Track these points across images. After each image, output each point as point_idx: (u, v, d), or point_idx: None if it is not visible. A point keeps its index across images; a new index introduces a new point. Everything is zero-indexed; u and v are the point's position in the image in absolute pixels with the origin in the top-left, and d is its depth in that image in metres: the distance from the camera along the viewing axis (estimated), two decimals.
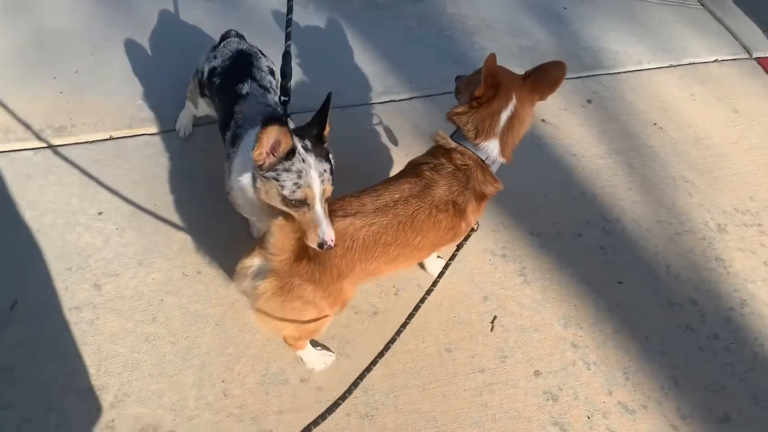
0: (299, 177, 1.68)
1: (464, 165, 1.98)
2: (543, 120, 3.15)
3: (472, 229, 2.09)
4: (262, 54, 2.39)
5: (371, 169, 2.79)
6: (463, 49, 3.40)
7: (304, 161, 1.70)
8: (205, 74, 2.28)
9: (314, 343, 2.24)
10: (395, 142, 2.87)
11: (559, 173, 2.96)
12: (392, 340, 1.94)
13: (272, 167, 1.70)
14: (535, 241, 2.71)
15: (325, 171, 1.73)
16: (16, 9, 3.02)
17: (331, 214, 1.80)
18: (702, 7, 4.09)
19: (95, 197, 2.49)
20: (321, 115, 1.78)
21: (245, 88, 2.16)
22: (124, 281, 2.30)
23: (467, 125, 1.99)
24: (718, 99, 3.48)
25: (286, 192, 1.70)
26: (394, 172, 2.71)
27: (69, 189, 2.49)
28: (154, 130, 2.74)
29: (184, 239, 2.45)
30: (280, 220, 1.67)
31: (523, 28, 3.61)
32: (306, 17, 3.34)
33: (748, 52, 3.79)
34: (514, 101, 1.96)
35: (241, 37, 2.46)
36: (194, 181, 2.61)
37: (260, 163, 1.72)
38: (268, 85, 2.23)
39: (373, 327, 2.36)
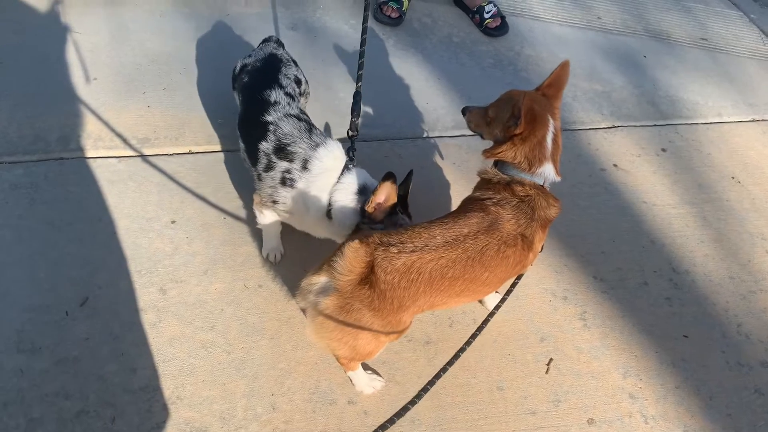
0: (396, 226, 1.98)
1: (527, 195, 1.98)
2: (615, 165, 3.10)
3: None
4: (294, 63, 2.54)
5: (435, 200, 2.81)
6: (526, 74, 3.41)
7: (404, 220, 2.03)
8: (237, 69, 2.52)
9: (365, 367, 2.25)
10: (461, 176, 2.89)
11: (629, 219, 2.90)
12: (443, 370, 1.93)
13: (381, 221, 2.03)
14: (599, 286, 2.64)
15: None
16: (119, 30, 3.24)
17: (400, 244, 1.84)
18: None
19: (170, 206, 2.61)
20: (405, 185, 2.12)
21: (273, 95, 2.29)
22: (189, 288, 2.38)
23: (517, 158, 2.02)
24: None
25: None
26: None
27: (146, 197, 2.62)
28: (231, 147, 2.85)
29: (249, 253, 2.52)
30: (355, 243, 1.70)
31: (601, 74, 3.58)
32: (386, 50, 3.44)
33: None
34: (551, 121, 2.03)
35: (279, 44, 2.62)
36: None
37: (372, 215, 2.03)
38: (293, 93, 2.36)
39: (425, 356, 2.34)
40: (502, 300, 2.09)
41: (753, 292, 2.74)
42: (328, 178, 2.14)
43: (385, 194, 1.98)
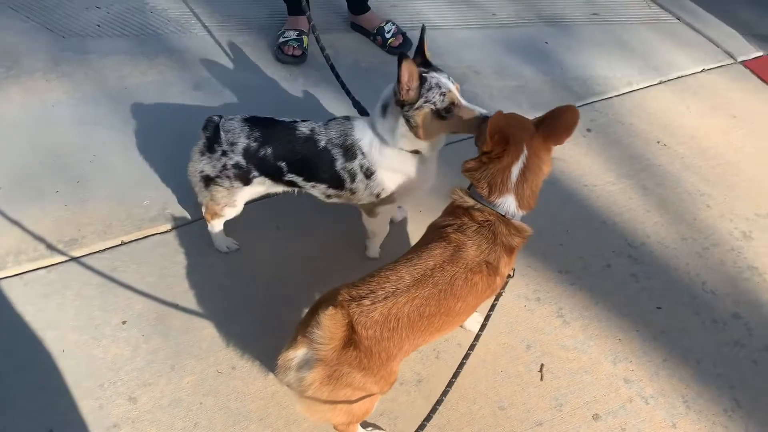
0: (439, 87, 2.00)
1: (486, 221, 1.92)
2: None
3: (509, 276, 2.04)
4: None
5: (398, 232, 2.76)
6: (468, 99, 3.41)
7: (433, 76, 2.02)
8: (244, 163, 2.31)
9: (364, 424, 2.16)
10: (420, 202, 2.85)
11: (576, 206, 2.93)
12: (438, 402, 1.86)
13: (418, 96, 2.01)
14: (566, 279, 2.66)
15: (447, 75, 2.06)
16: (10, 130, 3.01)
17: (371, 294, 1.77)
18: (678, 20, 4.16)
19: (116, 306, 2.43)
20: (420, 46, 2.12)
21: (302, 127, 2.29)
22: (159, 389, 2.22)
23: (480, 182, 1.94)
24: (714, 107, 3.49)
25: (439, 105, 2.00)
26: (416, 234, 2.70)
27: (89, 303, 2.43)
28: (165, 228, 2.70)
29: (212, 335, 2.38)
30: (329, 310, 1.61)
31: (510, 69, 3.63)
32: (298, 90, 3.35)
33: (733, 57, 3.83)
34: (525, 153, 1.89)
35: (219, 118, 2.40)
36: (214, 273, 2.56)
37: (406, 99, 2.03)
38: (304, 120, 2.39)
39: (421, 396, 2.28)
40: (482, 327, 2.03)
41: (706, 248, 2.83)
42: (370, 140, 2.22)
43: (408, 72, 1.97)
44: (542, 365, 2.39)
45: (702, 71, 3.75)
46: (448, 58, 3.66)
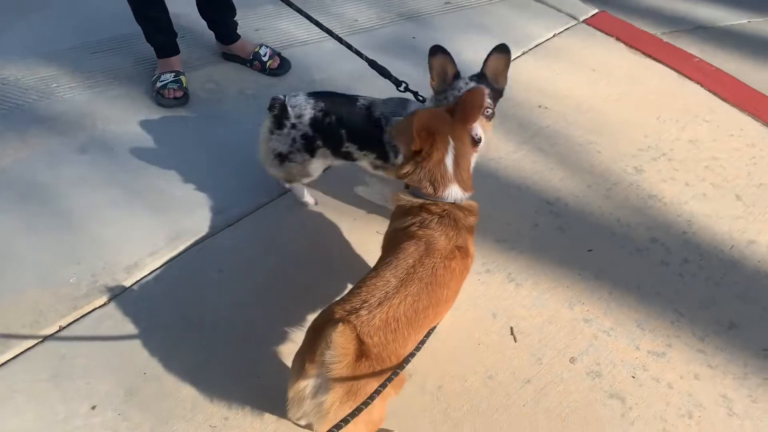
0: (459, 92, 2.26)
1: (443, 211, 2.04)
2: None
3: None
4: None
5: (331, 243, 2.79)
6: None
7: (465, 84, 2.31)
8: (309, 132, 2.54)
9: None
10: (340, 213, 2.90)
11: (490, 180, 3.13)
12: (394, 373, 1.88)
13: (444, 88, 2.37)
14: (506, 246, 2.84)
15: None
16: None
17: (365, 303, 1.81)
18: None
19: (79, 393, 2.26)
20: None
21: (360, 101, 2.56)
22: None
23: (422, 182, 2.05)
24: (574, 66, 3.86)
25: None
26: (357, 242, 2.75)
27: (46, 398, 2.24)
28: (102, 300, 2.54)
29: (192, 393, 2.29)
30: (339, 327, 1.62)
31: (390, 68, 3.76)
32: (189, 131, 3.26)
33: (575, 18, 4.25)
34: (451, 143, 2.03)
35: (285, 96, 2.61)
36: (171, 331, 2.45)
37: (433, 87, 2.43)
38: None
39: (417, 388, 2.34)
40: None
41: (609, 189, 3.14)
42: None
43: (435, 64, 2.39)
44: (512, 328, 2.55)
45: (554, 36, 4.13)
46: (328, 69, 3.74)
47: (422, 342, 1.95)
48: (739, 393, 2.41)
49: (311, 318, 1.93)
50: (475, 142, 2.17)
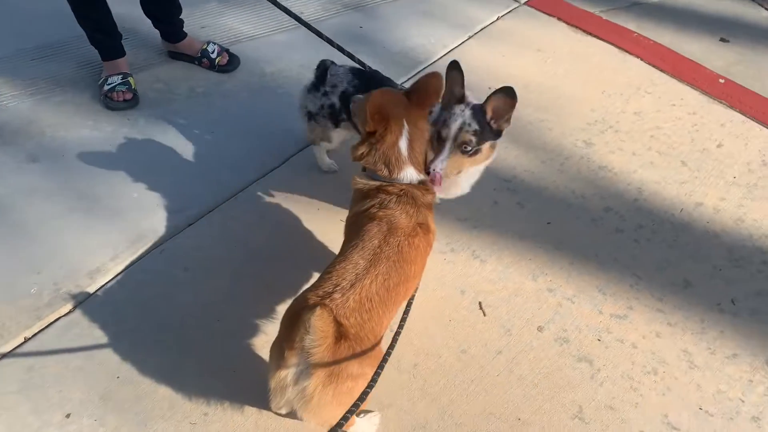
0: (452, 116, 2.17)
1: (401, 191, 2.08)
2: None
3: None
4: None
5: (300, 233, 2.80)
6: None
7: (460, 112, 2.17)
8: (338, 104, 2.56)
9: (357, 415, 2.21)
10: (303, 202, 2.91)
11: None
12: (387, 355, 1.91)
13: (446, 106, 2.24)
14: (468, 225, 2.90)
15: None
16: None
17: (337, 287, 1.83)
18: None
19: (51, 403, 2.21)
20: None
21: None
22: None
23: (377, 165, 2.10)
24: (520, 47, 3.95)
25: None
26: (321, 232, 2.77)
27: (17, 412, 2.18)
28: (67, 308, 2.48)
29: (169, 393, 2.27)
30: (317, 311, 1.63)
31: (339, 59, 3.77)
32: (140, 134, 3.21)
33: (517, 0, 4.35)
34: (406, 126, 2.07)
35: (332, 63, 2.67)
36: (141, 333, 2.42)
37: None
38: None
39: (391, 369, 2.38)
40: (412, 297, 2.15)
41: (562, 163, 3.24)
42: None
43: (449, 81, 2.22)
44: (480, 303, 2.61)
45: (498, 19, 4.21)
46: (278, 63, 3.73)
47: (404, 320, 1.99)
48: (699, 347, 2.54)
49: (281, 309, 1.95)
50: (430, 177, 2.15)
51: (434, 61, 3.80)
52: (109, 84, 3.35)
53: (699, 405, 2.36)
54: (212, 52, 3.63)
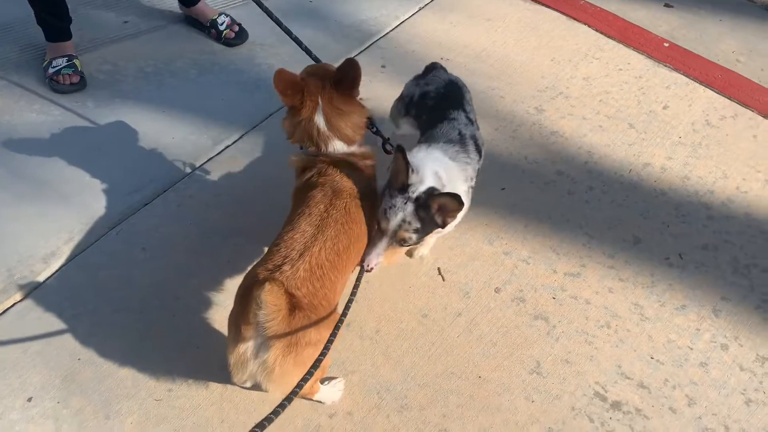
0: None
1: (336, 159, 2.12)
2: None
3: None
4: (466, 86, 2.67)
5: (261, 208, 2.80)
6: (255, 73, 3.47)
7: (411, 194, 2.01)
8: (416, 96, 2.58)
9: (321, 381, 2.25)
10: (256, 179, 2.91)
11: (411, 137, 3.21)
12: (340, 320, 1.90)
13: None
14: None
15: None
16: None
17: (286, 259, 1.85)
18: None
19: (11, 388, 2.20)
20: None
21: (453, 114, 2.43)
22: None
23: (304, 142, 2.14)
24: (470, 17, 3.97)
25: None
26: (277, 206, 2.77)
27: None
28: (20, 295, 2.45)
29: (131, 372, 2.27)
30: (267, 286, 1.62)
31: (266, 37, 3.75)
32: (92, 116, 3.15)
33: None
34: (320, 103, 2.07)
35: (444, 69, 2.73)
36: (100, 315, 2.41)
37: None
38: (474, 118, 2.55)
39: (356, 336, 2.42)
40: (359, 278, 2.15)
41: (515, 130, 3.29)
42: None
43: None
44: (439, 269, 2.66)
45: None
46: None
47: (356, 285, 2.02)
48: (649, 300, 2.64)
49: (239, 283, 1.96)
50: (367, 270, 2.11)
51: (386, 33, 3.81)
52: (54, 67, 3.27)
53: (650, 354, 2.47)
54: (221, 24, 3.59)
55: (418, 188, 2.00)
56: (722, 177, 3.13)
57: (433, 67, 2.71)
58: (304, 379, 1.58)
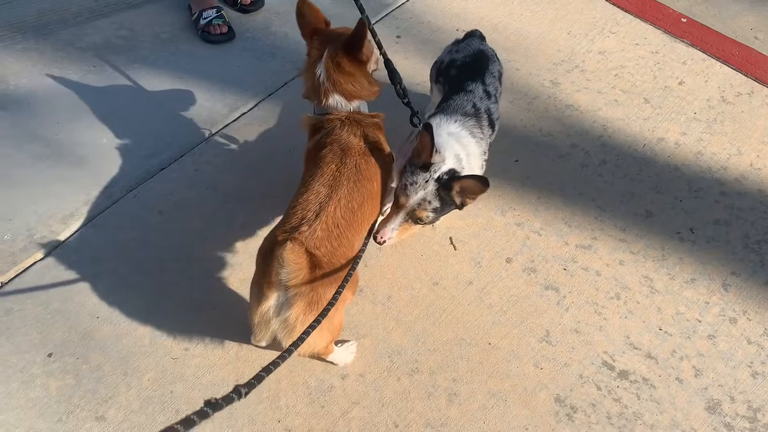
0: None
1: (343, 117, 2.14)
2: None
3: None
4: (497, 58, 2.65)
5: (277, 176, 2.82)
6: (270, 41, 3.47)
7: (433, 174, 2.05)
8: (445, 63, 2.60)
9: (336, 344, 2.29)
10: (273, 143, 2.93)
11: (416, 98, 3.21)
12: (343, 284, 1.90)
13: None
14: None
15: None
16: None
17: (303, 220, 1.88)
18: None
19: (33, 343, 2.26)
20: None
21: (471, 86, 2.41)
22: (123, 398, 2.14)
23: (309, 94, 2.20)
24: None
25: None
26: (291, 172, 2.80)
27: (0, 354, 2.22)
28: (41, 254, 2.50)
29: (149, 330, 2.32)
30: (288, 245, 1.67)
31: (281, 4, 3.74)
32: (107, 81, 3.17)
33: None
34: (324, 55, 2.11)
35: (482, 38, 2.72)
36: (119, 274, 2.46)
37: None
38: (493, 91, 2.48)
39: (368, 301, 2.46)
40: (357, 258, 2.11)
41: (530, 102, 3.29)
42: None
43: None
44: (451, 238, 2.69)
45: None
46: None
47: (365, 244, 2.05)
48: (659, 273, 2.66)
49: (255, 245, 1.99)
50: (375, 239, 2.14)
51: (402, 3, 3.79)
52: (205, 18, 3.42)
53: (659, 326, 2.50)
54: None
55: (441, 168, 2.03)
56: (736, 153, 3.13)
57: (471, 35, 2.71)
58: (312, 326, 1.60)
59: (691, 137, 3.18)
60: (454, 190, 2.04)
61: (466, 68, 2.50)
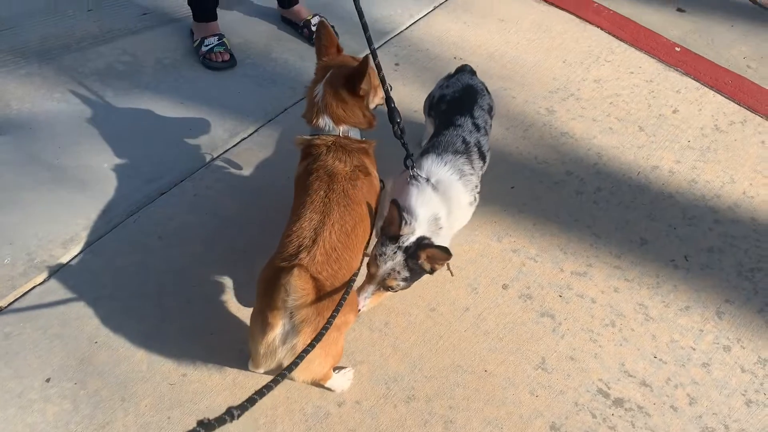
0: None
1: (328, 143, 2.20)
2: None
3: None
4: (487, 91, 2.73)
5: (272, 200, 2.85)
6: (271, 68, 3.53)
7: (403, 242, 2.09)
8: (435, 98, 2.67)
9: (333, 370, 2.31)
10: (270, 169, 2.97)
11: (414, 127, 3.26)
12: (339, 306, 1.92)
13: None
14: None
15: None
16: None
17: (300, 247, 1.92)
18: None
19: (31, 368, 2.27)
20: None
21: (460, 120, 2.47)
22: (120, 423, 2.15)
23: (306, 110, 2.31)
24: (484, 17, 4.02)
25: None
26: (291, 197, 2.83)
27: None
28: (42, 277, 2.52)
29: (147, 356, 2.33)
30: (295, 271, 1.71)
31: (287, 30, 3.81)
32: (111, 105, 3.22)
33: None
34: (326, 78, 2.21)
35: (473, 72, 2.81)
36: (117, 299, 2.48)
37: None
38: (482, 124, 2.53)
39: (363, 328, 2.48)
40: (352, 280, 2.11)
41: (526, 130, 3.34)
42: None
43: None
44: (448, 264, 2.70)
45: None
46: (246, 34, 3.73)
47: (359, 269, 2.08)
48: (654, 300, 2.68)
49: (255, 272, 2.01)
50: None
51: (400, 31, 3.85)
52: (207, 45, 3.50)
53: (654, 354, 2.52)
54: (314, 25, 3.69)
55: (409, 239, 2.09)
56: (729, 181, 3.17)
57: (461, 70, 2.78)
58: (306, 351, 1.60)
59: (685, 165, 3.23)
60: (421, 259, 2.09)
61: (456, 103, 2.56)
